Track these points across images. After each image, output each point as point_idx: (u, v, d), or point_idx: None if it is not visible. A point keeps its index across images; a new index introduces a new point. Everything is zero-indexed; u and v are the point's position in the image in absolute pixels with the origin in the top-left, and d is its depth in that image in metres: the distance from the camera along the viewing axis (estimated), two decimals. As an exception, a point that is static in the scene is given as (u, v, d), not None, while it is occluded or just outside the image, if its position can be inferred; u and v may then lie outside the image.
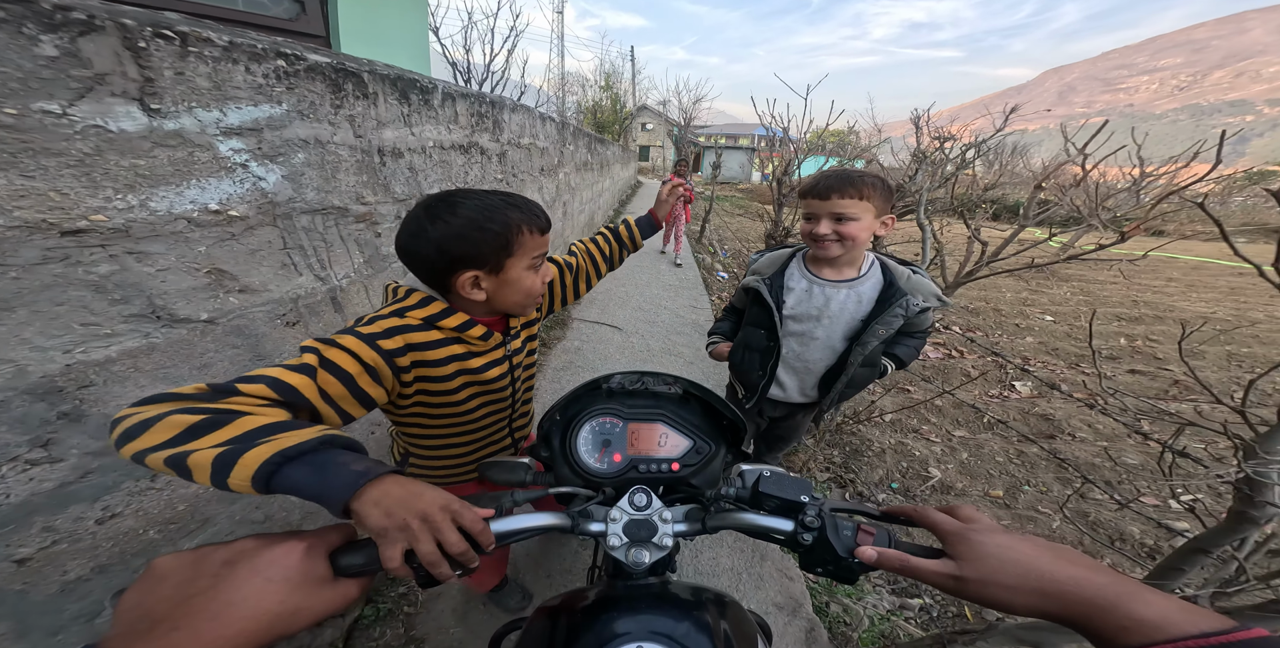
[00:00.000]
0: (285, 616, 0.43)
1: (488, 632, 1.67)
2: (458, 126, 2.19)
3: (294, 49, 1.11)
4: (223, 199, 0.91)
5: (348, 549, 0.50)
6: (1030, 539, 0.47)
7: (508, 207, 0.80)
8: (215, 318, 0.95)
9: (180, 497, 0.98)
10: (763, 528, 0.60)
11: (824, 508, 0.59)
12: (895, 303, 1.32)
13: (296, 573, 0.44)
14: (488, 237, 0.78)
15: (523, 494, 0.65)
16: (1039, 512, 2.16)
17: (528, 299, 0.89)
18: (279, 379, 0.66)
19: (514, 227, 0.80)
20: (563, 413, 0.78)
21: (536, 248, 0.85)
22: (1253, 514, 0.84)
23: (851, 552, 0.53)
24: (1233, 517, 0.88)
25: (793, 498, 0.61)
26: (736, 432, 0.79)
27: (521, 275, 0.85)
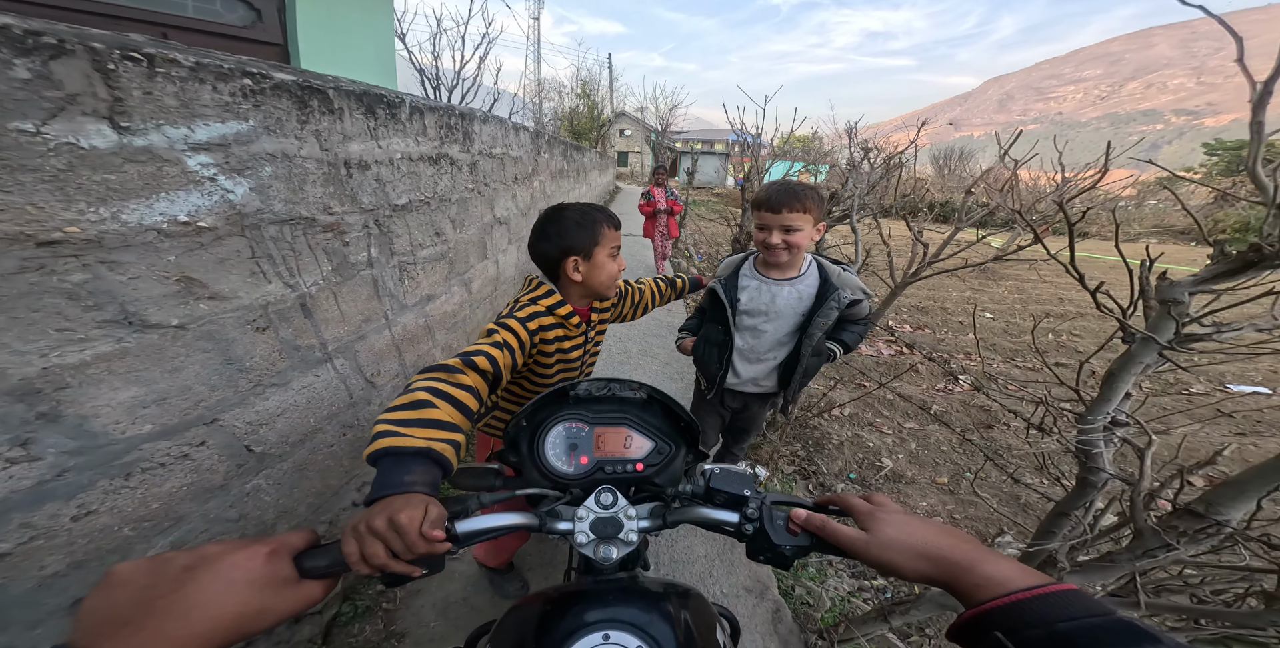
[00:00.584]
0: (250, 615, 0.45)
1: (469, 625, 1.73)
2: (426, 139, 2.25)
3: (260, 68, 1.17)
4: (191, 211, 0.97)
5: (312, 553, 0.53)
6: (923, 520, 0.57)
7: (593, 210, 1.19)
8: (186, 324, 0.99)
9: (154, 495, 1.02)
10: (713, 521, 0.66)
11: (765, 501, 0.65)
12: (830, 297, 1.52)
13: (260, 576, 0.47)
14: (583, 232, 1.15)
15: (489, 496, 0.68)
16: (979, 496, 2.30)
17: (610, 280, 1.23)
18: (490, 355, 0.97)
19: (598, 223, 1.17)
20: (530, 419, 0.81)
21: (613, 240, 1.21)
22: (1091, 479, 0.96)
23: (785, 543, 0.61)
24: (1079, 483, 1.00)
25: (737, 492, 0.67)
26: (694, 433, 0.85)
27: (604, 261, 1.20)
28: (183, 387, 1.02)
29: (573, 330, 1.27)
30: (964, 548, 0.50)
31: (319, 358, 1.54)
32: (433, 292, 2.42)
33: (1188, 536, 0.79)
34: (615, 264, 1.23)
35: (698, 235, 10.17)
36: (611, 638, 0.53)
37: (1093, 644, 0.36)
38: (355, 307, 1.72)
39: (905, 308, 5.77)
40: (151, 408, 0.96)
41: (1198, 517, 0.79)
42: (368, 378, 1.84)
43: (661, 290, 1.70)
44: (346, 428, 1.74)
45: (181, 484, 1.08)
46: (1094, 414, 0.95)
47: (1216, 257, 0.79)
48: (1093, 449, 0.94)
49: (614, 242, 1.22)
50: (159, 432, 0.99)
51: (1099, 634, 0.36)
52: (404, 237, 2.05)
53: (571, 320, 1.23)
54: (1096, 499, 1.00)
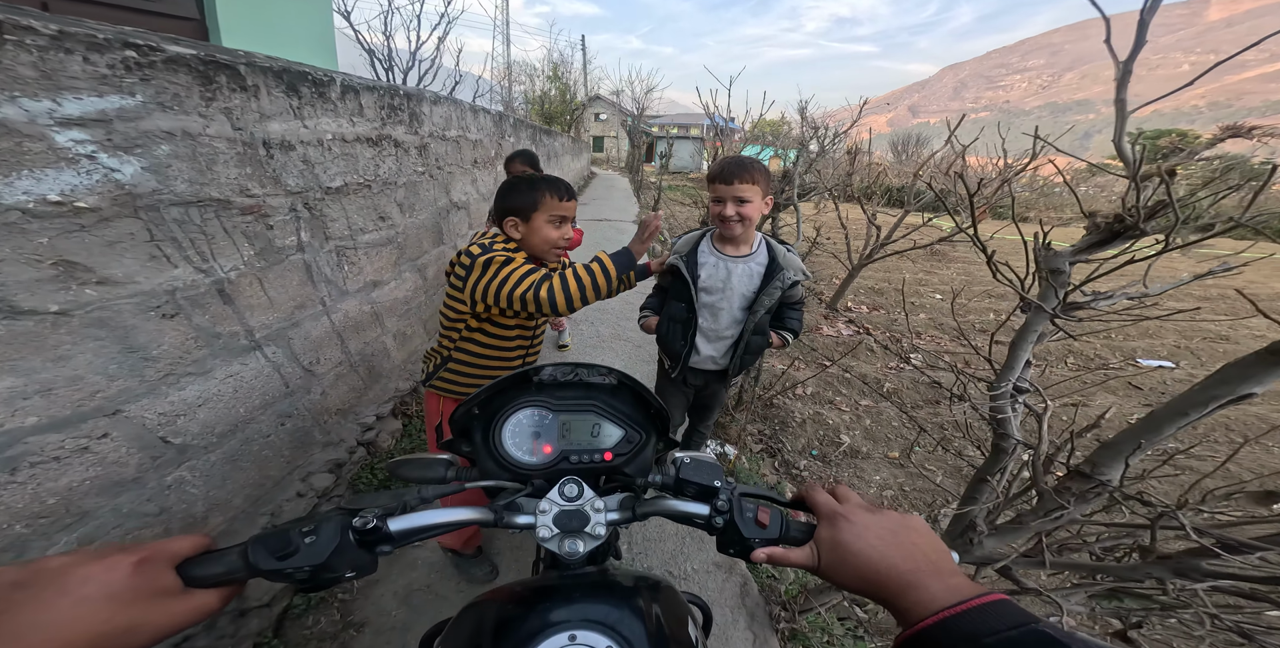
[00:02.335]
0: (115, 634, 0.40)
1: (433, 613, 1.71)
2: (363, 119, 2.17)
3: (147, 39, 1.10)
4: (65, 190, 0.91)
5: (202, 559, 0.49)
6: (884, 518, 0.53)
7: (543, 181, 1.29)
8: (69, 310, 0.94)
9: (49, 490, 0.98)
10: (683, 513, 0.63)
11: (735, 493, 0.62)
12: (775, 277, 1.56)
13: (124, 587, 0.41)
14: (525, 196, 1.27)
15: (432, 490, 0.62)
16: (927, 469, 2.38)
17: (545, 244, 1.30)
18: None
19: (541, 190, 1.27)
20: (484, 406, 0.75)
21: (555, 208, 1.29)
22: (1003, 445, 0.99)
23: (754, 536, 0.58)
24: (993, 450, 1.04)
25: (708, 483, 0.63)
26: (664, 420, 0.80)
27: (541, 225, 1.29)
28: (71, 377, 0.97)
29: None
30: (902, 568, 0.49)
31: (245, 346, 1.49)
32: (379, 277, 2.36)
33: (1078, 496, 0.82)
34: (555, 232, 1.30)
35: (672, 220, 10.13)
36: (579, 638, 0.50)
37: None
38: (285, 293, 1.67)
39: (863, 290, 5.91)
40: (34, 399, 0.92)
41: (1086, 477, 0.81)
42: (305, 366, 1.79)
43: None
44: (284, 418, 1.70)
45: (82, 478, 1.04)
46: (1000, 382, 0.97)
47: (1090, 228, 0.81)
48: (1002, 416, 0.96)
49: (556, 210, 1.29)
50: (47, 424, 0.95)
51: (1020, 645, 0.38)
52: (340, 220, 1.99)
53: None
54: (1010, 465, 1.03)
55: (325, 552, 0.50)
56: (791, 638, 1.69)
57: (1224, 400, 0.67)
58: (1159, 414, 0.75)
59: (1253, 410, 3.58)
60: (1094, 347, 4.60)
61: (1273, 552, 0.65)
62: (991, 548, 1.02)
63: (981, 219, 2.14)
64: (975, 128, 2.96)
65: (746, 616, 1.75)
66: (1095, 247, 0.81)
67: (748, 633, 1.68)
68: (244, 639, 1.52)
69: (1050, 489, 0.89)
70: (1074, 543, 0.92)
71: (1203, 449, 2.93)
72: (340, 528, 0.52)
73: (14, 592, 0.38)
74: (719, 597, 1.81)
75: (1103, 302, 0.82)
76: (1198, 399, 0.70)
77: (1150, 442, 0.75)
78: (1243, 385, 0.67)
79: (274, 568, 0.49)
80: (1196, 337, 5.09)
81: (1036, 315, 0.91)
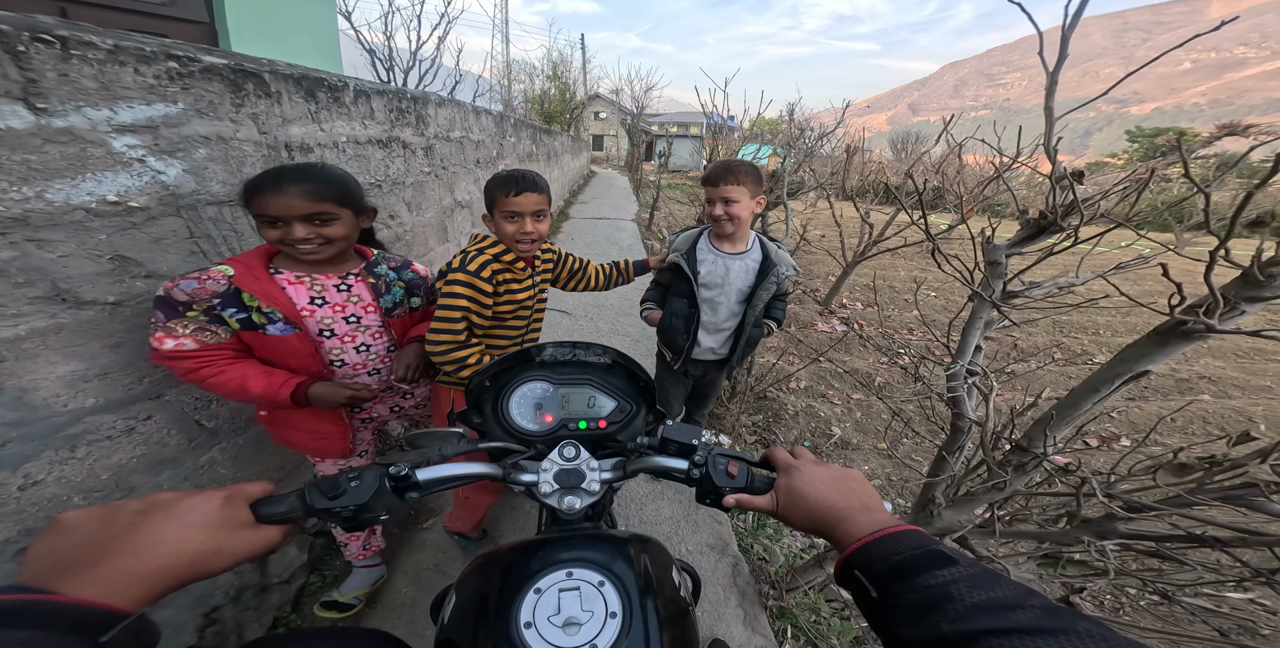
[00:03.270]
0: (207, 554, 0.47)
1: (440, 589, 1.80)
2: (374, 122, 2.26)
3: (186, 51, 1.19)
4: (120, 191, 1.00)
5: (268, 500, 0.56)
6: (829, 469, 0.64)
7: (501, 178, 1.38)
8: (123, 301, 1.03)
9: (103, 466, 1.07)
10: (665, 468, 0.71)
11: (711, 452, 0.70)
12: (770, 273, 1.69)
13: (216, 517, 0.49)
14: (488, 193, 1.41)
15: (451, 449, 0.71)
16: (913, 459, 2.48)
17: (506, 239, 1.40)
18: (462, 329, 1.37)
19: (494, 190, 1.38)
20: (494, 380, 0.84)
21: (505, 205, 1.36)
22: (959, 424, 1.10)
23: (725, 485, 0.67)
24: (952, 428, 1.14)
25: (687, 441, 0.72)
26: (651, 392, 0.89)
27: (500, 222, 1.39)
28: (125, 362, 1.06)
29: (519, 274, 1.47)
30: (841, 505, 0.58)
31: (269, 338, 1.58)
32: (389, 275, 2.44)
33: (1017, 468, 0.91)
34: (510, 226, 1.38)
35: (671, 218, 10.21)
36: (575, 575, 0.57)
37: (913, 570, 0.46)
38: (305, 288, 1.75)
39: (858, 286, 6.02)
40: (94, 382, 1.01)
41: (1023, 451, 0.91)
42: (322, 358, 1.88)
43: (606, 272, 1.85)
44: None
45: (131, 456, 1.13)
46: (954, 365, 1.07)
47: (1023, 224, 0.91)
48: (958, 395, 1.06)
49: (506, 207, 1.36)
50: (103, 405, 1.04)
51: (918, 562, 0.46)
52: (354, 219, 2.07)
53: (517, 265, 1.45)
54: (966, 442, 1.13)
55: (367, 493, 0.59)
56: (780, 616, 1.79)
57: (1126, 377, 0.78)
58: (1076, 391, 0.86)
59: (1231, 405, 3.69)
60: (1080, 342, 4.72)
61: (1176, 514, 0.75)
62: (950, 520, 1.12)
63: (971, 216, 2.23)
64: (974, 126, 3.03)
65: (738, 593, 1.85)
66: (1027, 240, 0.91)
67: (738, 610, 1.78)
68: (265, 612, 1.62)
69: (995, 463, 0.98)
70: (1023, 514, 1.02)
71: (1181, 439, 3.04)
72: (379, 476, 0.61)
73: (137, 517, 0.46)
74: (712, 576, 1.90)
75: (1036, 290, 0.92)
76: (1105, 377, 0.81)
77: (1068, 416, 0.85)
78: (1139, 364, 0.77)
79: (325, 507, 0.57)
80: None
81: (980, 304, 1.01)
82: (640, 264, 1.93)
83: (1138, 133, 31.62)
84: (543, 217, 1.42)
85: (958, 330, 1.16)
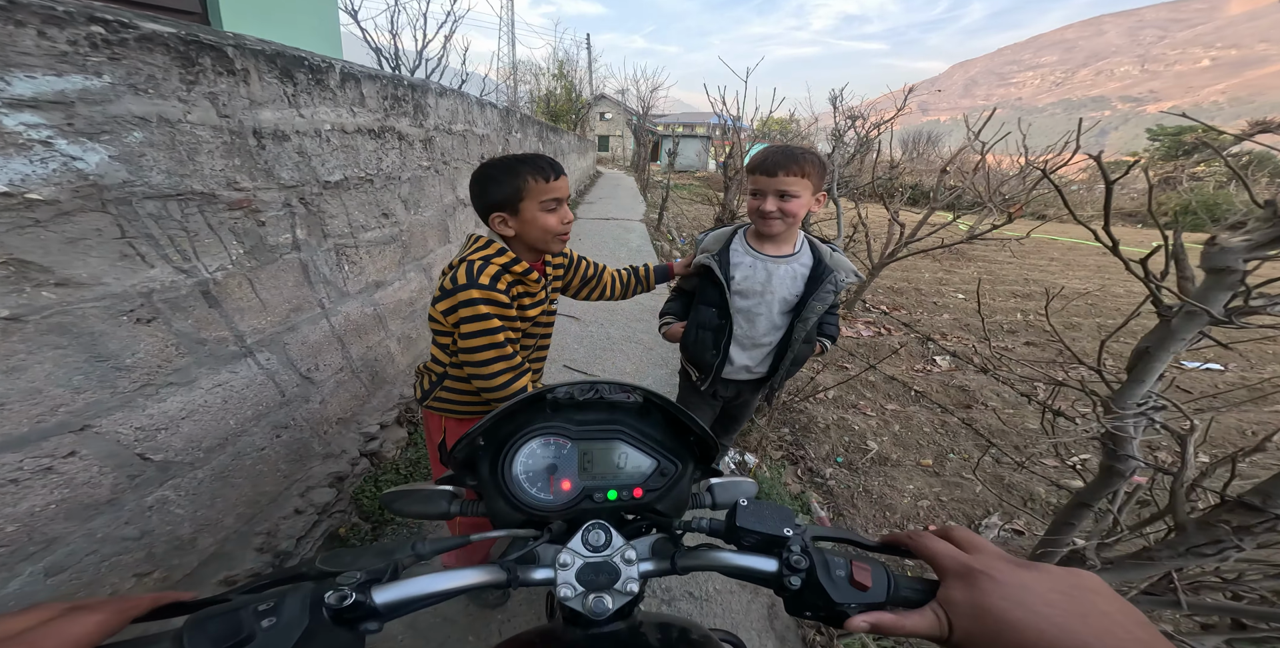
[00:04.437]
0: None
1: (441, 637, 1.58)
2: (365, 109, 2.06)
3: (117, 15, 0.99)
4: (14, 180, 0.80)
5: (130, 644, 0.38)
6: (1047, 577, 0.39)
7: (518, 162, 1.09)
8: (21, 315, 0.83)
9: (6, 516, 0.87)
10: (742, 570, 0.52)
11: (808, 541, 0.51)
12: (826, 279, 1.39)
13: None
14: (505, 186, 1.09)
15: (429, 545, 0.51)
16: (964, 477, 2.23)
17: (546, 234, 1.14)
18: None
19: (521, 175, 1.08)
20: (490, 435, 0.64)
21: (546, 192, 1.10)
22: (1119, 468, 0.85)
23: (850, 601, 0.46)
24: (1103, 471, 0.90)
25: (775, 532, 0.52)
26: (707, 448, 0.68)
27: (536, 215, 1.11)
28: (28, 389, 0.86)
29: (533, 286, 1.21)
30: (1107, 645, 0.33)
31: (235, 352, 1.38)
32: (382, 278, 2.25)
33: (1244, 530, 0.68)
34: (553, 217, 1.13)
35: (680, 219, 10.00)
36: None
37: None
38: (280, 294, 1.55)
39: (881, 289, 5.72)
40: (-17, 417, 0.81)
41: (1254, 510, 0.67)
42: (302, 373, 1.68)
43: (624, 279, 1.58)
44: (280, 429, 1.59)
45: (46, 502, 0.93)
46: (1127, 397, 0.83)
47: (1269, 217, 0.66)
48: (1124, 436, 0.82)
49: (547, 193, 1.11)
50: (0, 443, 0.84)
51: None
52: (340, 217, 1.88)
53: (530, 277, 1.18)
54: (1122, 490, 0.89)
55: (292, 638, 0.38)
56: (826, 664, 1.56)
57: None
58: None
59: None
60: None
61: None
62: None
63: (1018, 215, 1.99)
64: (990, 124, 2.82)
65: (776, 639, 1.63)
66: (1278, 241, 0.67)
67: (777, 659, 1.56)
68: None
69: (1200, 522, 0.75)
70: (1209, 581, 0.78)
71: None
72: (308, 604, 0.40)
73: None
74: (744, 620, 1.68)
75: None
76: None
77: None
78: None
79: None
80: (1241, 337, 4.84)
81: (1189, 321, 0.77)
82: (663, 270, 1.62)
83: (1159, 131, 30.88)
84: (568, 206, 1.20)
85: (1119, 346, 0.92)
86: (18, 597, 0.92)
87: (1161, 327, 0.81)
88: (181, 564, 1.28)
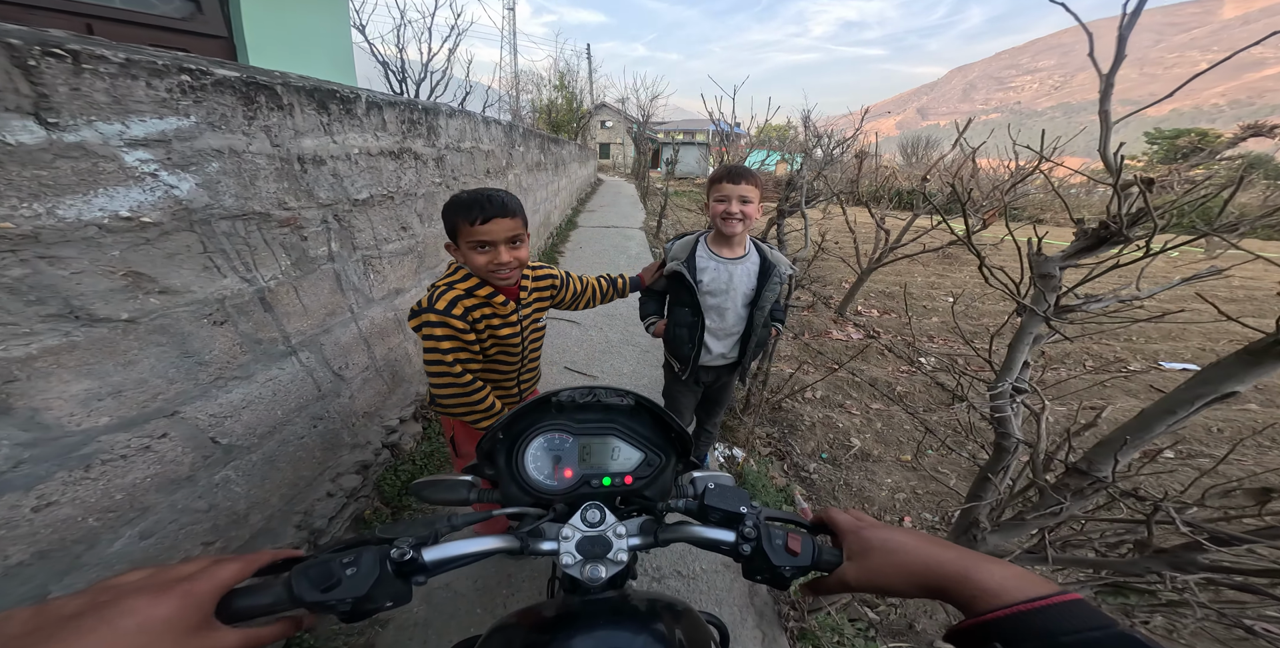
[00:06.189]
0: None
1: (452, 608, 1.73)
2: (386, 133, 2.26)
3: (198, 64, 1.18)
4: (133, 206, 0.99)
5: (246, 592, 0.47)
6: (905, 531, 0.56)
7: (461, 202, 1.16)
8: (136, 318, 1.02)
9: (117, 486, 1.05)
10: (708, 540, 0.63)
11: (760, 519, 0.62)
12: (773, 274, 1.70)
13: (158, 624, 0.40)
14: (447, 220, 1.20)
15: (460, 518, 0.63)
16: (940, 472, 2.39)
17: (479, 270, 1.21)
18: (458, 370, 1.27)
19: (456, 215, 1.16)
20: (507, 431, 0.76)
21: (470, 235, 1.15)
22: (1004, 444, 1.03)
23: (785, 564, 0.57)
24: (995, 449, 1.07)
25: (733, 509, 0.63)
26: (684, 443, 0.80)
27: (468, 253, 1.19)
28: (138, 380, 1.04)
29: (500, 309, 1.29)
30: (948, 557, 0.49)
31: (282, 351, 1.56)
32: (401, 285, 2.44)
33: (1076, 492, 0.85)
34: (480, 257, 1.17)
35: (679, 225, 10.19)
36: None
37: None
38: (318, 300, 1.74)
39: (874, 293, 5.91)
40: (107, 400, 0.99)
41: (1083, 474, 0.85)
42: (335, 371, 1.87)
43: (603, 289, 1.80)
44: (316, 420, 1.77)
45: (145, 476, 1.11)
46: (1000, 383, 1.01)
47: (1079, 234, 0.85)
48: (1003, 415, 1.00)
49: (472, 236, 1.15)
50: (117, 424, 1.02)
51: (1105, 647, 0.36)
52: (366, 231, 2.07)
53: (497, 300, 1.27)
54: (1012, 463, 1.07)
55: (367, 583, 0.49)
56: (801, 637, 1.71)
57: (1209, 399, 0.71)
58: (1148, 412, 0.79)
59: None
60: (1114, 349, 4.57)
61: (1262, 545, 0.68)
62: (995, 544, 1.06)
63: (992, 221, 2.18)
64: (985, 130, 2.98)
65: (755, 615, 1.78)
66: (1083, 252, 0.85)
67: (756, 632, 1.71)
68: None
69: (1049, 486, 0.92)
70: (1077, 539, 0.96)
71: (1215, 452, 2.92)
72: (379, 559, 0.52)
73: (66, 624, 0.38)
74: (727, 596, 1.83)
75: (1094, 305, 0.86)
76: (1184, 397, 0.75)
77: (1139, 438, 0.79)
78: (1225, 384, 0.71)
79: (318, 600, 0.48)
80: (1222, 339, 5.04)
81: (1030, 318, 0.95)
82: (635, 281, 1.88)
83: (1157, 135, 31.11)
84: (520, 242, 1.21)
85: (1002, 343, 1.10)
86: (119, 556, 1.09)
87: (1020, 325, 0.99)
88: (237, 536, 1.45)
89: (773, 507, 2.30)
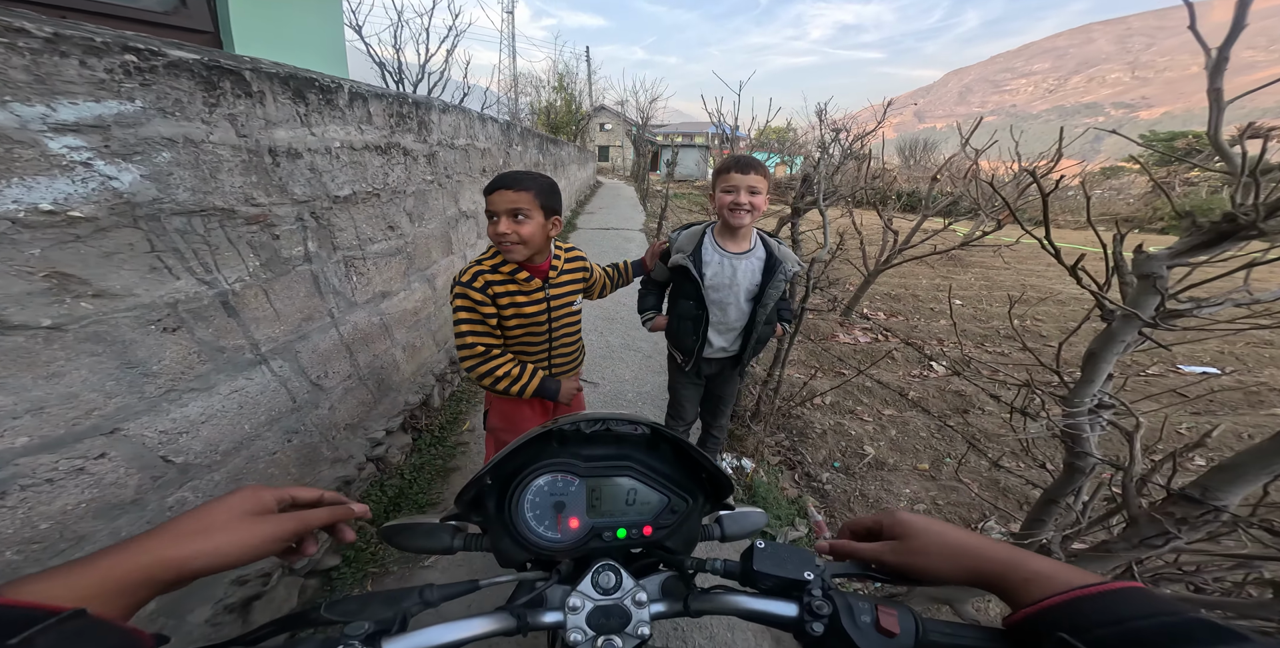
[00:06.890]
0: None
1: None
2: (372, 127, 2.14)
3: (148, 44, 1.07)
4: (58, 199, 0.87)
5: None
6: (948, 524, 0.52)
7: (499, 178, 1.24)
8: (63, 324, 0.90)
9: (41, 514, 0.92)
10: (761, 614, 0.50)
11: (829, 583, 0.49)
12: (778, 270, 1.66)
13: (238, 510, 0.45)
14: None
15: (437, 591, 0.50)
16: (960, 481, 2.26)
17: (493, 238, 1.27)
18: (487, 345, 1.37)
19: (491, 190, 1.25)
20: (497, 472, 0.62)
21: (487, 204, 1.26)
22: (1078, 465, 0.90)
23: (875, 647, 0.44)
24: (1066, 468, 0.94)
25: (794, 576, 0.50)
26: (720, 487, 0.66)
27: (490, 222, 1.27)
28: (66, 394, 0.92)
29: (525, 285, 1.35)
30: (997, 548, 0.47)
31: (250, 360, 1.44)
32: (388, 288, 2.31)
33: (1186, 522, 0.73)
34: (491, 227, 1.28)
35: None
36: None
37: (1173, 643, 0.33)
38: (292, 304, 1.62)
39: (879, 296, 5.78)
40: (25, 418, 0.87)
41: (1194, 502, 0.72)
42: (313, 380, 1.74)
43: (611, 276, 1.80)
44: (291, 433, 1.64)
45: (79, 501, 0.98)
46: (1079, 397, 0.88)
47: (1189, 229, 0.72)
48: (1079, 433, 0.87)
49: (488, 206, 1.27)
50: (38, 445, 0.90)
51: (1179, 633, 0.33)
52: (348, 230, 1.95)
53: (520, 275, 1.33)
54: (1085, 485, 0.94)
55: None
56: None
57: None
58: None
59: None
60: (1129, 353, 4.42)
61: None
62: None
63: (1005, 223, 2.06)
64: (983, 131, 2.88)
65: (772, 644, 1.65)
66: (1198, 249, 0.73)
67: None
68: None
69: (1149, 514, 0.80)
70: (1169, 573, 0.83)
71: None
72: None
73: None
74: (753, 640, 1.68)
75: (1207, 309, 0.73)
76: None
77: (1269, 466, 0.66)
78: None
79: None
80: (1240, 342, 4.88)
81: (1125, 324, 0.83)
82: (638, 265, 1.88)
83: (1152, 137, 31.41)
84: (523, 217, 1.24)
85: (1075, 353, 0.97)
86: (49, 591, 0.97)
87: (1105, 330, 0.87)
88: (198, 564, 1.33)
89: (785, 521, 2.17)
